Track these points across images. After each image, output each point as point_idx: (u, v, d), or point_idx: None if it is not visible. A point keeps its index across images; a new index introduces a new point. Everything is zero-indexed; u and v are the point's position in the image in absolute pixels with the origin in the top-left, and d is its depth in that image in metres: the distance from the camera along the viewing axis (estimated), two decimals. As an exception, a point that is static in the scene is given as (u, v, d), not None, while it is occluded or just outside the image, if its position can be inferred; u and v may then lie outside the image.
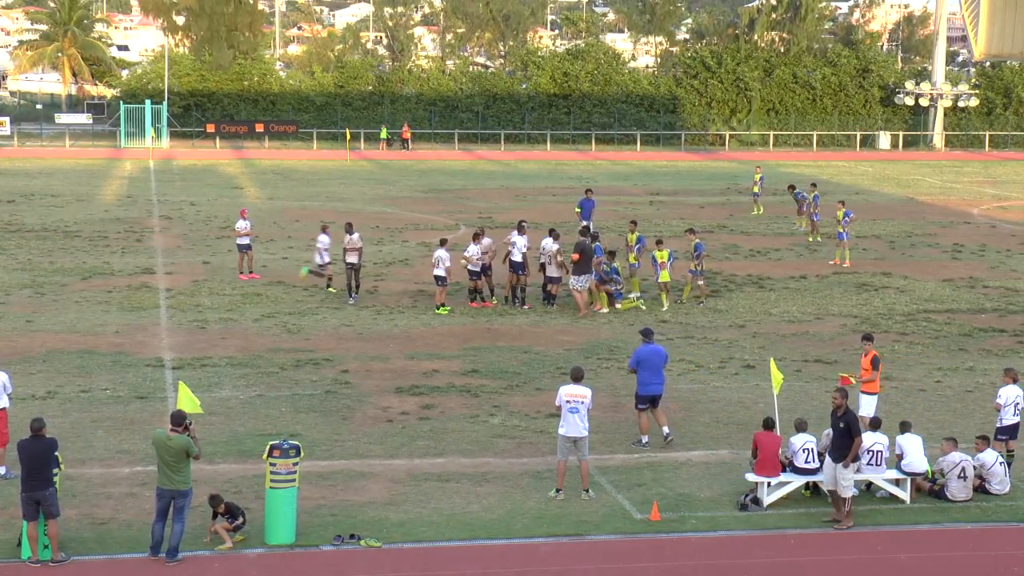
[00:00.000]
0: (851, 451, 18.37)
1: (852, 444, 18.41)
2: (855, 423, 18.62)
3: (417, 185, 64.25)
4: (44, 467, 16.72)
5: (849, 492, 18.46)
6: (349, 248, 33.72)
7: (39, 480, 16.66)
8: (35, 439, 16.89)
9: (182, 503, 16.91)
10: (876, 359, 22.18)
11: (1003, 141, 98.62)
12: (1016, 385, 21.15)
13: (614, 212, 53.52)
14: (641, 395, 21.94)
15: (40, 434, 16.95)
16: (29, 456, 16.78)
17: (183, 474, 16.92)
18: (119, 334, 29.87)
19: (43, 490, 16.65)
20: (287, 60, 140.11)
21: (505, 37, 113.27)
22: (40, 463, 16.71)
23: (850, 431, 18.45)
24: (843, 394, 18.74)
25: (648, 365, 21.86)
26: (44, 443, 16.90)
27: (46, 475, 16.72)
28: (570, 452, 19.51)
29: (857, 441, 18.47)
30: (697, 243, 34.30)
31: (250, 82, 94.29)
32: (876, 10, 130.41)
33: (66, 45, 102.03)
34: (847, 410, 18.60)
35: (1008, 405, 20.91)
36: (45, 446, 16.87)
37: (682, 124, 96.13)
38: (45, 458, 16.76)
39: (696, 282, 34.41)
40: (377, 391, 25.24)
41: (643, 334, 22.60)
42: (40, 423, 17.11)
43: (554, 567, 17.09)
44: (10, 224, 47.45)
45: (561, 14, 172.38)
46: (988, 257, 43.47)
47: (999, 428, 20.95)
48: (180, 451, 16.88)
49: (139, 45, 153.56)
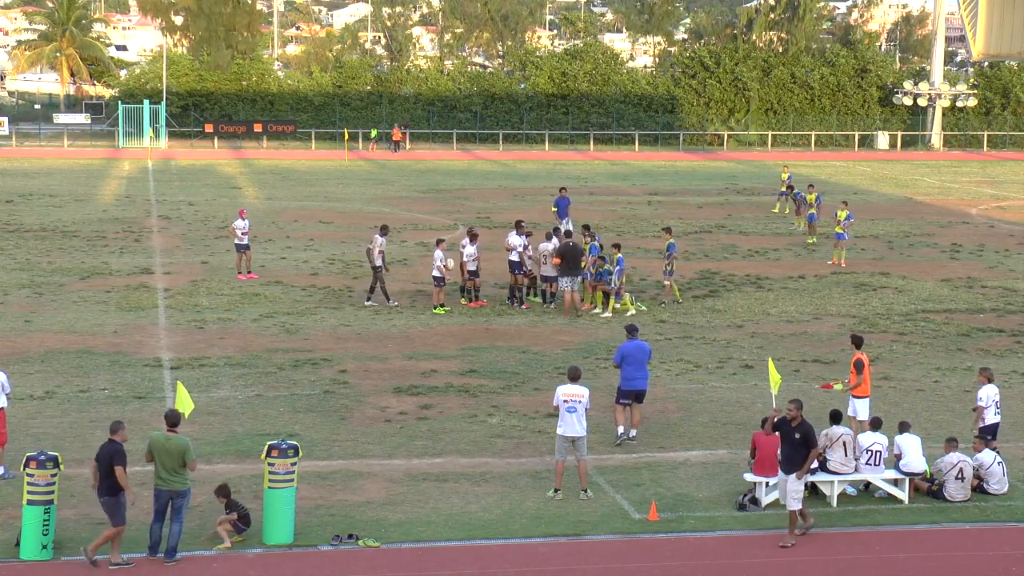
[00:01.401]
0: (806, 463, 17.90)
1: (807, 455, 17.94)
2: (812, 434, 18.11)
3: (415, 185, 64.25)
4: (106, 474, 16.60)
5: (796, 505, 17.91)
6: (380, 250, 33.33)
7: (102, 486, 16.61)
8: (108, 443, 16.82)
9: (180, 503, 16.89)
10: (859, 362, 21.81)
11: (1001, 141, 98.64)
12: (993, 384, 21.23)
13: (613, 212, 53.56)
14: (624, 390, 21.97)
15: (112, 438, 16.84)
16: (99, 459, 16.71)
17: (181, 474, 16.91)
18: (117, 334, 29.86)
19: (103, 496, 16.60)
20: (285, 60, 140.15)
21: (503, 37, 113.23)
22: (105, 468, 16.61)
23: (807, 442, 17.95)
24: (798, 405, 18.22)
25: (632, 360, 21.93)
26: (108, 448, 16.75)
27: (107, 482, 16.58)
28: (568, 452, 19.51)
29: (814, 452, 18.06)
30: (670, 243, 34.15)
31: (248, 82, 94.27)
32: (874, 10, 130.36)
33: (64, 45, 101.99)
34: (803, 421, 18.07)
35: (989, 405, 20.97)
36: (108, 451, 16.72)
37: (680, 124, 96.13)
38: (108, 463, 16.61)
39: (664, 281, 34.30)
40: (375, 391, 25.24)
41: (628, 330, 22.73)
42: (116, 426, 17.01)
43: (552, 567, 17.09)
44: (8, 224, 47.43)
45: (559, 14, 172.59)
46: (986, 257, 43.48)
47: (981, 428, 21.00)
48: (178, 452, 16.87)
49: (137, 45, 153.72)
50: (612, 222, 49.15)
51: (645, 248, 42.88)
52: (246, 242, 37.07)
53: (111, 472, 16.53)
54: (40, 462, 16.95)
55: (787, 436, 18.16)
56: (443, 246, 33.38)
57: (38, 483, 16.88)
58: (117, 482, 16.53)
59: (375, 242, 33.41)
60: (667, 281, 34.25)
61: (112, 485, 16.56)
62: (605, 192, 62.17)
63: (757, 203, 58.13)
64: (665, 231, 35.58)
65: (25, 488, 16.93)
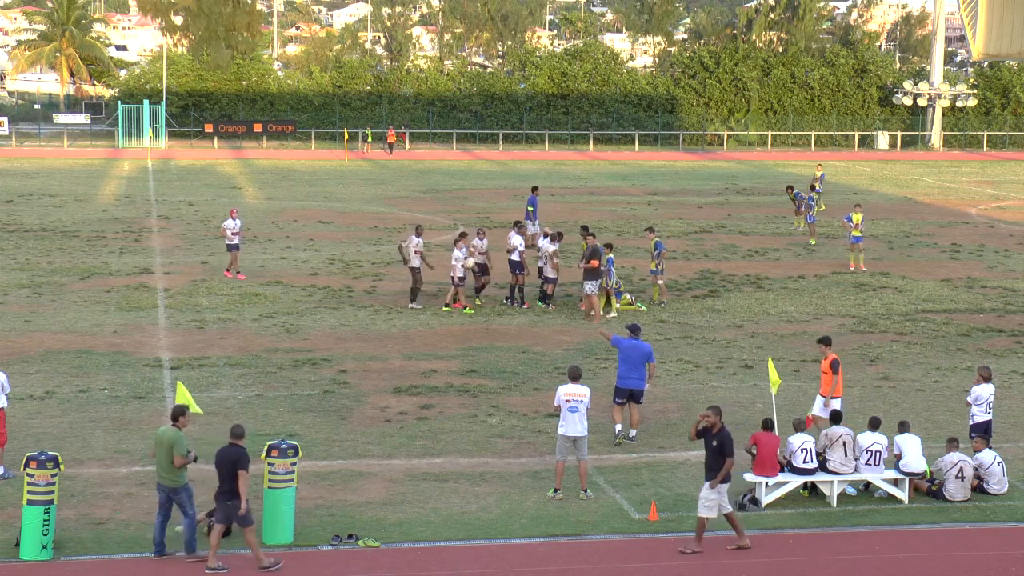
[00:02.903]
0: (721, 471, 17.43)
1: (723, 464, 17.45)
2: (729, 443, 17.58)
3: (415, 185, 64.26)
4: (226, 477, 16.59)
5: (706, 513, 17.51)
6: (417, 251, 33.12)
7: (222, 489, 16.62)
8: (229, 446, 16.80)
9: (179, 499, 16.83)
10: (836, 362, 21.64)
11: (1001, 141, 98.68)
12: (989, 384, 21.24)
13: (612, 212, 53.56)
14: (620, 388, 21.96)
15: (234, 442, 16.81)
16: (218, 463, 16.70)
17: (172, 471, 16.80)
18: (117, 334, 29.86)
19: (225, 499, 16.59)
20: (285, 60, 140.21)
21: (503, 37, 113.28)
22: (224, 471, 16.61)
23: (723, 450, 17.51)
24: (716, 412, 17.80)
25: (626, 358, 21.91)
26: (229, 452, 16.72)
27: (230, 485, 16.58)
28: (569, 452, 19.51)
29: (729, 462, 17.45)
30: (656, 242, 34.06)
31: (248, 82, 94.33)
32: (874, 10, 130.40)
33: (64, 45, 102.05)
34: (722, 428, 17.66)
35: (982, 403, 20.98)
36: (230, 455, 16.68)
37: (680, 124, 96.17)
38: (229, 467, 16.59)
39: (656, 281, 34.28)
40: (375, 391, 25.23)
41: (630, 329, 22.56)
42: (238, 431, 16.97)
43: (552, 567, 17.08)
44: (8, 224, 47.43)
45: (559, 14, 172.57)
46: (986, 257, 43.48)
47: (971, 426, 21.03)
48: (168, 446, 16.81)
49: (137, 45, 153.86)
50: (612, 222, 49.14)
51: (645, 248, 42.76)
52: (236, 242, 36.98)
53: (232, 475, 16.53)
54: (40, 462, 16.93)
55: (708, 444, 17.72)
56: (460, 245, 32.83)
57: (38, 483, 16.87)
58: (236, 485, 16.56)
59: (410, 242, 33.24)
60: (660, 281, 34.23)
61: (235, 488, 16.55)
62: (605, 192, 62.18)
63: (757, 203, 58.16)
64: (648, 231, 35.49)
65: (25, 488, 16.91)
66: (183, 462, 16.82)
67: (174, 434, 16.88)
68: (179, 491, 16.87)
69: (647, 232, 35.44)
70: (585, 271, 31.87)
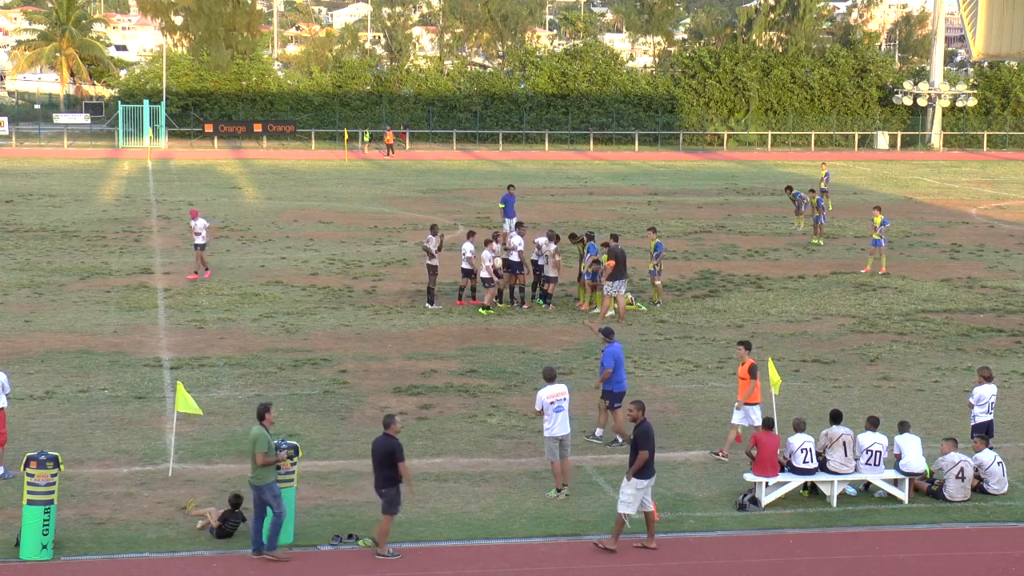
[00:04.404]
0: (634, 465, 17.32)
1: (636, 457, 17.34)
2: (644, 437, 17.43)
3: (415, 185, 64.25)
4: (380, 467, 16.97)
5: (624, 509, 17.40)
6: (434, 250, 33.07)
7: (378, 479, 17.00)
8: (384, 437, 17.10)
9: (264, 497, 16.84)
10: (754, 367, 21.51)
11: (1001, 141, 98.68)
12: (990, 384, 21.27)
13: (612, 212, 53.56)
14: (617, 392, 21.90)
15: (387, 432, 17.10)
16: (373, 453, 17.14)
17: (257, 469, 16.90)
18: (117, 334, 29.86)
19: (378, 488, 17.01)
20: (285, 60, 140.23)
21: (503, 37, 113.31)
22: (378, 461, 16.98)
23: (636, 444, 17.43)
24: (638, 405, 17.82)
25: (620, 363, 21.94)
26: (383, 442, 17.04)
27: (384, 474, 16.94)
28: (557, 451, 19.52)
29: (642, 455, 17.32)
30: (656, 243, 34.05)
31: (248, 82, 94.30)
32: (874, 10, 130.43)
33: (64, 45, 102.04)
34: (643, 422, 17.55)
35: (984, 404, 21.00)
36: (384, 446, 17.00)
37: (680, 124, 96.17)
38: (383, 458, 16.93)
39: (654, 282, 34.25)
40: (375, 391, 25.23)
41: (605, 333, 22.26)
42: (388, 419, 17.26)
43: (552, 567, 17.09)
44: (8, 224, 47.43)
45: (559, 14, 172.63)
46: (986, 257, 43.48)
47: (973, 426, 21.07)
48: (251, 442, 16.98)
49: (137, 45, 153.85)
50: (612, 222, 49.13)
51: (645, 248, 42.78)
52: (198, 242, 36.83)
53: (384, 464, 16.89)
54: (40, 462, 16.94)
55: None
56: (492, 245, 32.77)
57: (38, 483, 16.87)
58: (393, 474, 16.88)
59: (429, 241, 33.23)
60: (657, 282, 34.21)
61: (390, 476, 16.90)
62: (605, 192, 62.18)
63: (757, 203, 58.17)
64: (650, 231, 35.49)
65: (25, 488, 16.92)
66: (264, 460, 16.87)
67: (257, 432, 16.99)
68: (263, 489, 16.85)
69: (649, 232, 35.42)
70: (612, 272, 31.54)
